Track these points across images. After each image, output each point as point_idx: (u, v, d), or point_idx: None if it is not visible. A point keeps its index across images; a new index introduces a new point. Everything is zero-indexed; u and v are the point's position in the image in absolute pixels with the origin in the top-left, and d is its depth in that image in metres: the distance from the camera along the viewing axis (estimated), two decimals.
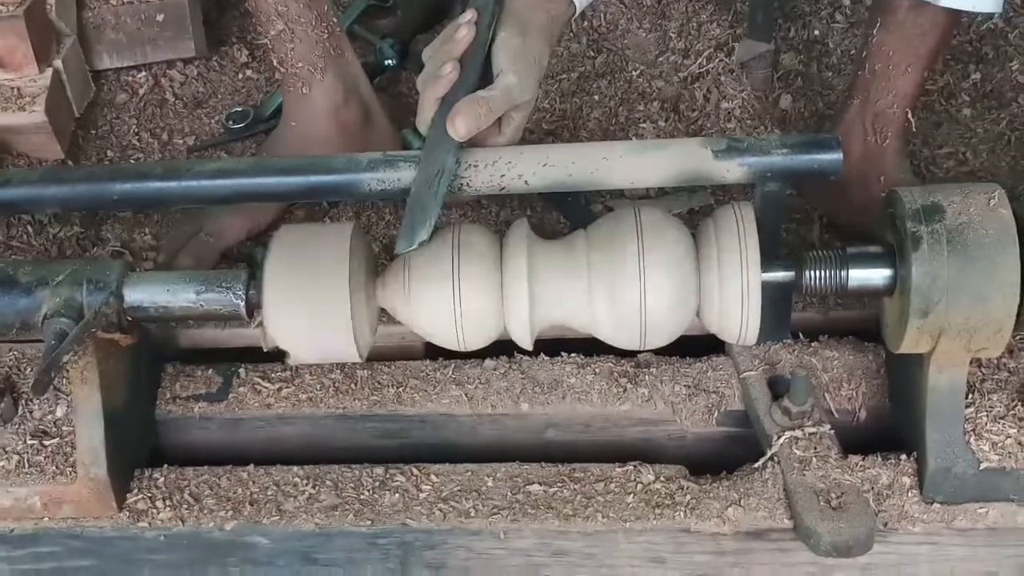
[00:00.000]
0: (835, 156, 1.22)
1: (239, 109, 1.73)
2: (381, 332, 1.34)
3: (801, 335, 1.39)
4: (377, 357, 1.39)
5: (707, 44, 1.78)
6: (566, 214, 1.56)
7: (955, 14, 1.38)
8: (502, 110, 1.22)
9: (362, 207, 1.59)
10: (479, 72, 1.23)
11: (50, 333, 1.15)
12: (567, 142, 1.68)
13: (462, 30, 1.24)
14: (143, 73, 1.79)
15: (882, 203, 1.22)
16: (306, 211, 1.59)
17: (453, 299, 1.20)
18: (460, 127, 1.19)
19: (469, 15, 1.25)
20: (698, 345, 1.37)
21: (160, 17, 1.75)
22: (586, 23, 1.84)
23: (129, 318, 1.21)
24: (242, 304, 1.20)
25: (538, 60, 1.26)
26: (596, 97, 1.74)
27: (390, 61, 1.79)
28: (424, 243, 1.15)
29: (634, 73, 1.77)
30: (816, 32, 1.81)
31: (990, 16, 1.75)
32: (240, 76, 1.82)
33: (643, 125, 1.69)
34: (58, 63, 1.64)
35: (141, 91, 1.78)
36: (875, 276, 1.20)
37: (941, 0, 1.33)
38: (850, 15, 1.82)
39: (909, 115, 1.44)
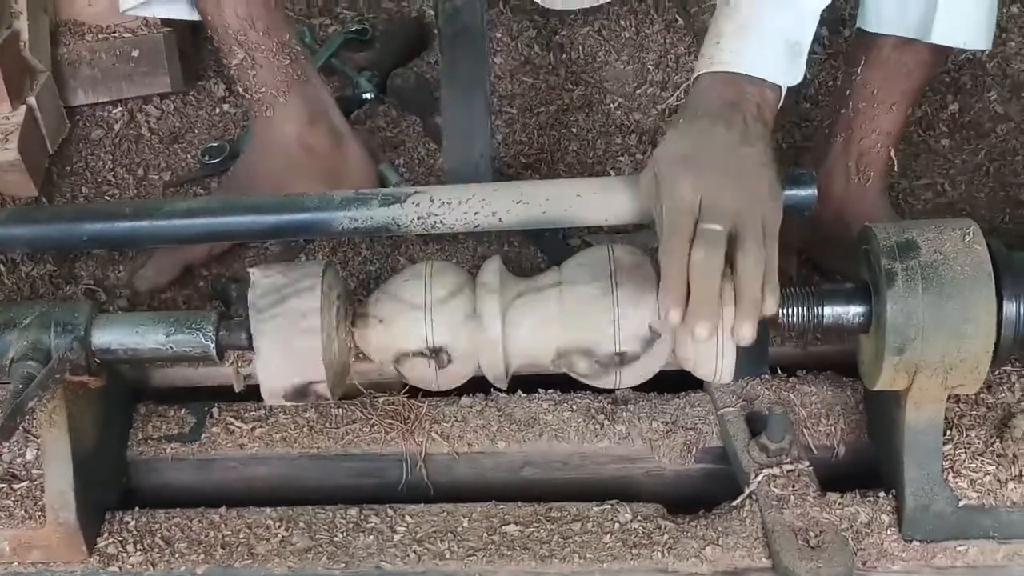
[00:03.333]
0: (809, 191, 1.21)
1: (215, 144, 1.72)
2: (357, 369, 1.33)
3: (779, 370, 1.38)
4: (353, 395, 1.38)
5: (685, 76, 1.78)
6: (543, 249, 1.55)
7: (941, 51, 1.36)
8: None
9: (339, 241, 1.58)
10: None
11: (17, 377, 1.14)
12: (545, 176, 1.67)
13: None
14: (119, 108, 1.78)
15: (856, 239, 1.21)
16: (282, 243, 1.58)
17: (426, 340, 1.18)
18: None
19: None
20: (676, 380, 1.36)
21: (135, 53, 1.75)
22: (564, 55, 1.84)
23: (98, 360, 1.20)
24: (212, 345, 1.19)
25: None
26: (574, 130, 1.74)
27: (368, 94, 1.79)
28: None
29: (612, 106, 1.76)
30: None
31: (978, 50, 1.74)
32: (217, 110, 1.82)
33: (621, 159, 1.68)
34: (32, 100, 1.63)
35: (117, 127, 1.77)
36: (850, 313, 1.18)
37: (932, 36, 1.31)
38: (828, 46, 1.82)
39: (892, 154, 1.43)
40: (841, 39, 1.82)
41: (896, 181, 1.61)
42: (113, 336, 1.19)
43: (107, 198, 1.68)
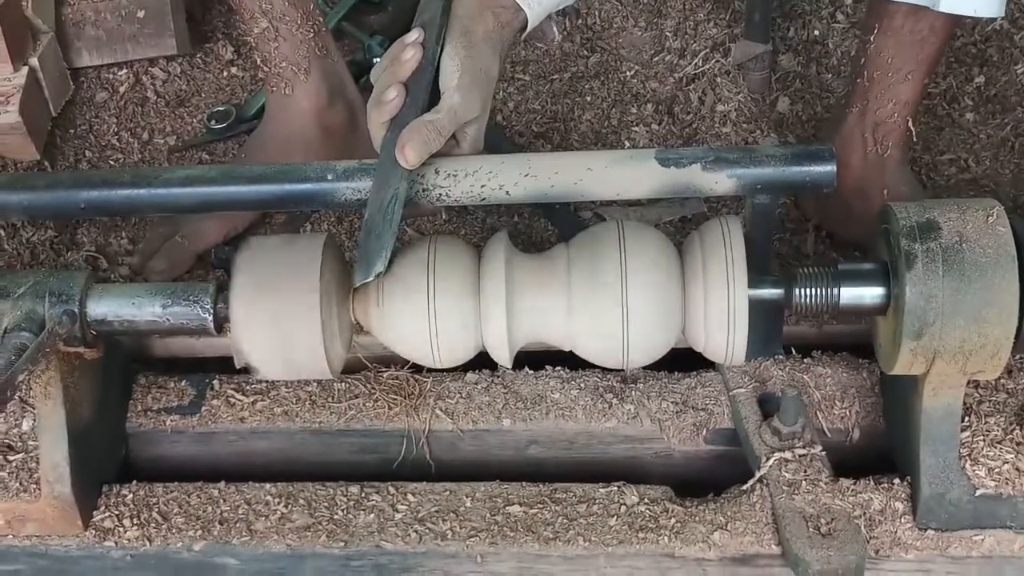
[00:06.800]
0: (828, 168, 1.17)
1: (221, 108, 1.69)
2: (363, 342, 1.30)
3: (793, 350, 1.34)
4: (357, 368, 1.35)
5: (703, 44, 1.73)
6: (553, 221, 1.52)
7: (955, 18, 1.33)
8: (451, 131, 1.17)
9: (344, 212, 1.54)
10: (428, 91, 1.17)
11: (10, 347, 1.11)
12: (558, 145, 1.63)
13: (407, 51, 1.18)
14: (124, 71, 1.75)
15: (876, 218, 1.17)
16: (286, 215, 1.55)
17: (428, 316, 1.15)
18: (410, 155, 1.13)
19: (415, 34, 1.19)
20: (687, 359, 1.32)
21: (141, 13, 1.71)
22: (580, 21, 1.79)
23: (93, 332, 1.17)
24: (210, 318, 1.16)
25: (486, 72, 1.19)
26: (588, 98, 1.69)
27: (378, 59, 1.74)
28: (381, 274, 1.10)
29: (628, 73, 1.72)
30: (816, 32, 1.75)
31: (992, 19, 1.69)
32: (225, 74, 1.78)
33: (636, 128, 1.64)
34: (34, 61, 1.60)
35: (122, 89, 1.73)
36: (868, 295, 1.15)
37: (939, 5, 1.28)
38: (851, 15, 1.76)
39: (910, 124, 1.39)
40: (865, 8, 1.76)
41: (919, 156, 1.57)
42: (109, 307, 1.16)
43: (111, 162, 1.65)
